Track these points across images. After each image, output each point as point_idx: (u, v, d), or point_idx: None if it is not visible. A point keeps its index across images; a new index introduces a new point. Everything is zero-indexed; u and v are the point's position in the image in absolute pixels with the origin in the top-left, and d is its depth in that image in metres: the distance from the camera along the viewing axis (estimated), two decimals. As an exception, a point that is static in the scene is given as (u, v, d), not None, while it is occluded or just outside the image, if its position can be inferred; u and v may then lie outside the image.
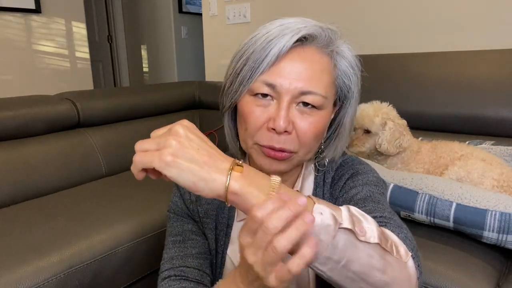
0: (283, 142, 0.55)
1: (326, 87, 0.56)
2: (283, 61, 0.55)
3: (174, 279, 0.61)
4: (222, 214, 0.68)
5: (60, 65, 2.98)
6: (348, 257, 0.43)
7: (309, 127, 0.56)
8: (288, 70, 0.54)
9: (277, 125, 0.54)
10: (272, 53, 0.54)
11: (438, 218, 1.01)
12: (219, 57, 2.49)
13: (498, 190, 1.04)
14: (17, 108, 1.50)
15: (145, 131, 1.92)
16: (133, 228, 1.19)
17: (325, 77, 0.57)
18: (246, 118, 0.57)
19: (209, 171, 0.42)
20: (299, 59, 0.55)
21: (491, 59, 1.35)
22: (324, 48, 0.57)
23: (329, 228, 0.42)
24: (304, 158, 0.60)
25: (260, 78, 0.55)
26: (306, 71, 0.55)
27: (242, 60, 0.57)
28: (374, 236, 0.44)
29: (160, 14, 3.84)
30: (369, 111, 1.18)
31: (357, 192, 0.61)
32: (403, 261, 0.45)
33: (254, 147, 0.58)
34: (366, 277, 0.43)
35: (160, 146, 0.42)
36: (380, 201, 0.58)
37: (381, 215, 0.54)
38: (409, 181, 1.08)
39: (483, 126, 1.33)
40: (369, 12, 1.78)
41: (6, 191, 1.38)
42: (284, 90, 0.54)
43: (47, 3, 2.80)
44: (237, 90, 0.58)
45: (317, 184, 0.67)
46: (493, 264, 0.96)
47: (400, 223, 0.53)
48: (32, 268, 0.97)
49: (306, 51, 0.56)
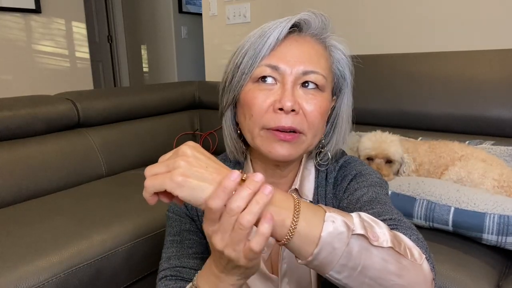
0: (291, 121, 0.56)
1: (325, 69, 0.59)
2: (282, 47, 0.57)
3: (171, 279, 0.61)
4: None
5: (60, 65, 2.98)
6: (363, 263, 0.42)
7: (315, 107, 0.57)
8: (289, 54, 0.57)
9: (284, 104, 0.54)
10: (270, 39, 0.56)
11: (437, 223, 1.01)
12: (219, 57, 2.49)
13: (498, 191, 1.04)
14: (17, 108, 1.50)
15: (145, 131, 1.92)
16: (133, 228, 1.19)
17: (322, 61, 0.59)
18: (250, 105, 0.57)
19: None
20: (297, 44, 0.58)
21: (491, 59, 1.35)
22: (318, 35, 0.60)
23: (342, 236, 0.42)
24: (312, 141, 0.60)
25: (262, 62, 0.57)
26: (305, 54, 0.58)
27: (242, 53, 0.59)
28: (387, 240, 0.44)
29: (160, 14, 3.84)
30: (388, 141, 1.20)
31: (363, 193, 0.60)
32: (418, 264, 0.45)
33: (261, 133, 0.58)
34: (383, 282, 0.43)
35: (170, 168, 0.42)
36: (386, 203, 0.58)
37: (390, 217, 0.54)
38: (406, 187, 1.08)
39: (483, 126, 1.33)
40: (369, 12, 1.78)
41: (6, 191, 1.38)
42: (287, 72, 0.56)
43: (47, 3, 2.79)
44: (239, 80, 0.59)
45: (319, 184, 0.67)
46: (493, 264, 0.96)
47: (410, 225, 0.53)
48: (32, 268, 0.97)
49: (302, 38, 0.59)
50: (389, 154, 1.17)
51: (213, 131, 2.13)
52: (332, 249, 0.42)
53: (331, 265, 0.42)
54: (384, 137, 1.20)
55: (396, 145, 1.18)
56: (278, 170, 0.65)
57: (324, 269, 0.43)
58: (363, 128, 1.43)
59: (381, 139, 1.20)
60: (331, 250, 0.42)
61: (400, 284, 0.43)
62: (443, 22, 1.59)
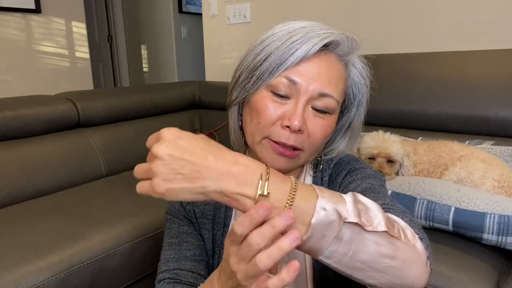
0: (294, 140, 0.56)
1: (340, 93, 0.59)
2: (306, 62, 0.56)
3: (168, 282, 0.62)
4: (219, 214, 0.68)
5: (60, 65, 2.98)
6: (355, 248, 0.42)
7: (320, 129, 0.57)
8: (311, 71, 0.56)
9: (293, 123, 0.54)
10: (298, 53, 0.55)
11: (437, 222, 1.01)
12: (219, 57, 2.49)
13: (498, 191, 1.04)
14: (17, 108, 1.50)
15: (145, 131, 1.92)
16: (133, 228, 1.19)
17: (341, 83, 0.59)
18: (260, 113, 0.57)
19: (201, 182, 0.41)
20: (321, 63, 0.57)
21: (491, 59, 1.35)
22: (344, 56, 0.60)
23: (333, 224, 0.41)
24: (308, 159, 0.61)
25: (282, 73, 0.56)
26: (327, 74, 0.57)
27: (263, 55, 0.57)
28: (381, 224, 0.43)
29: (160, 14, 3.84)
30: (390, 141, 1.20)
31: (357, 185, 0.61)
32: (412, 244, 0.45)
33: (263, 142, 0.58)
34: (375, 265, 0.43)
35: (149, 175, 0.42)
36: (381, 192, 0.59)
37: (383, 202, 0.54)
38: (406, 187, 1.08)
39: (483, 126, 1.33)
40: (369, 12, 1.78)
41: (6, 191, 1.38)
42: (304, 89, 0.56)
43: (47, 3, 2.79)
44: (254, 83, 0.58)
45: (316, 183, 0.67)
46: (493, 264, 0.96)
47: (403, 209, 0.53)
48: (32, 268, 0.97)
49: (327, 57, 0.58)
50: (391, 154, 1.17)
51: (213, 131, 2.13)
52: (322, 236, 0.41)
53: (320, 251, 0.42)
54: (386, 137, 1.21)
55: (398, 145, 1.19)
56: None
57: (314, 254, 0.43)
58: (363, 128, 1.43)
59: (384, 138, 1.20)
60: (321, 237, 0.41)
61: (393, 265, 0.43)
62: (443, 22, 1.59)
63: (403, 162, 1.20)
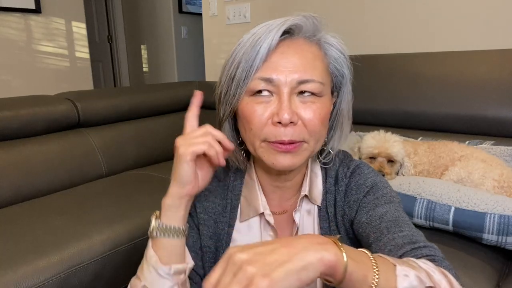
0: (290, 134, 0.55)
1: (321, 73, 0.57)
2: (274, 56, 0.56)
3: None
4: (224, 213, 0.68)
5: (60, 65, 2.98)
6: None
7: (314, 115, 0.56)
8: (282, 63, 0.55)
9: (282, 117, 0.54)
10: (262, 50, 0.55)
11: (437, 222, 1.01)
12: (219, 57, 2.49)
13: (498, 191, 1.04)
14: (17, 108, 1.50)
15: (145, 131, 1.92)
16: (133, 228, 1.19)
17: (318, 64, 0.58)
18: (249, 119, 0.57)
19: (301, 257, 0.37)
20: (290, 51, 0.56)
21: (491, 59, 1.35)
22: (311, 37, 0.59)
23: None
24: (315, 147, 0.60)
25: (255, 75, 0.56)
26: (299, 61, 0.56)
27: (235, 64, 0.57)
28: (445, 286, 0.43)
29: (160, 14, 3.84)
30: (391, 141, 1.20)
31: (385, 211, 0.59)
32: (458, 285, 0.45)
33: (263, 145, 0.58)
34: None
35: (243, 283, 0.35)
36: (408, 222, 0.57)
37: (424, 245, 0.52)
38: (406, 187, 1.08)
39: (483, 126, 1.33)
40: (369, 12, 1.78)
41: (6, 191, 1.38)
42: (282, 83, 0.55)
43: (47, 3, 2.79)
44: (234, 94, 0.58)
45: (328, 190, 0.66)
46: (493, 265, 0.96)
47: (435, 247, 0.52)
48: (32, 268, 0.97)
49: (295, 43, 0.57)
50: (392, 153, 1.17)
51: (213, 131, 2.12)
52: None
53: None
54: (387, 136, 1.21)
55: (399, 145, 1.19)
56: (282, 174, 0.65)
57: None
58: (363, 128, 1.43)
59: (385, 138, 1.20)
60: None
61: None
62: (443, 22, 1.59)
63: (403, 163, 1.20)
